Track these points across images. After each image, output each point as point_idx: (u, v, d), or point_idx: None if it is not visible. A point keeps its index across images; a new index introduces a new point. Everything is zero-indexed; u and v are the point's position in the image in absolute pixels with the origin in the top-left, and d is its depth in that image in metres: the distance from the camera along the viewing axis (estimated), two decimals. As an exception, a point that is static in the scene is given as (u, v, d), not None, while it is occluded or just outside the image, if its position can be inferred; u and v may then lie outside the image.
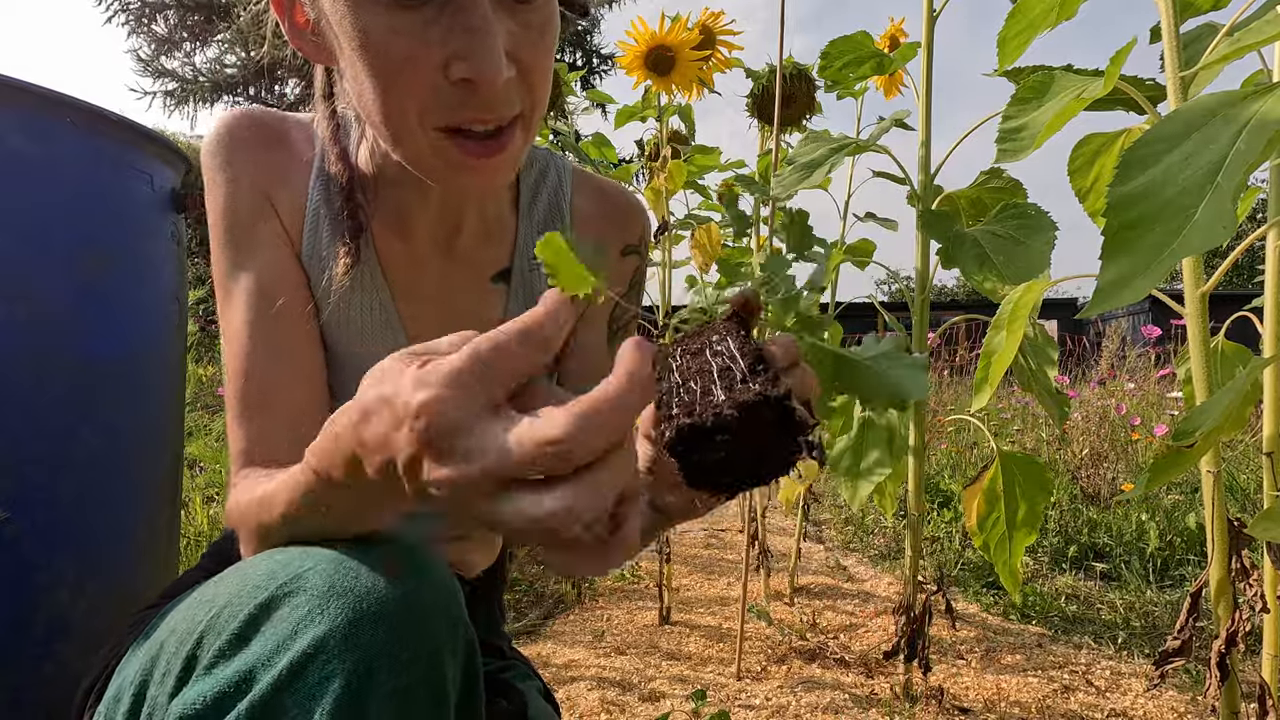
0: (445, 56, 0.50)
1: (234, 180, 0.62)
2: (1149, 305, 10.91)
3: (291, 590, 0.41)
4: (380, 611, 0.40)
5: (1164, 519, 2.45)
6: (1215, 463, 0.79)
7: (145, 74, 12.48)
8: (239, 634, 0.41)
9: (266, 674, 0.39)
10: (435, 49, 0.50)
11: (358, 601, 0.40)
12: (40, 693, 0.86)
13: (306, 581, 0.41)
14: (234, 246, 0.62)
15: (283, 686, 0.38)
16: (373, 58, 0.51)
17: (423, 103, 0.52)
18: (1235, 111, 0.56)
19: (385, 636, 0.40)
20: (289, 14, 0.58)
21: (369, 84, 0.52)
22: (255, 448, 0.59)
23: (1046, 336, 1.30)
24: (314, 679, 0.38)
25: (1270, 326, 0.86)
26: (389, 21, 0.50)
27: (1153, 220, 0.56)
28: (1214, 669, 0.79)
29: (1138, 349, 4.60)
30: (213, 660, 0.41)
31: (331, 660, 0.38)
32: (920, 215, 1.29)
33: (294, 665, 0.38)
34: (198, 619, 0.45)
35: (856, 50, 1.36)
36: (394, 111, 0.52)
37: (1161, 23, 0.80)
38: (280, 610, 0.40)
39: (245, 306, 0.61)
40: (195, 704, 0.40)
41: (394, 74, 0.51)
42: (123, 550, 0.98)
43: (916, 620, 1.36)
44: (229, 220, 0.62)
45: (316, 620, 0.39)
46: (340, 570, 0.41)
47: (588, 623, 1.96)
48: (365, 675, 0.39)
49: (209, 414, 3.64)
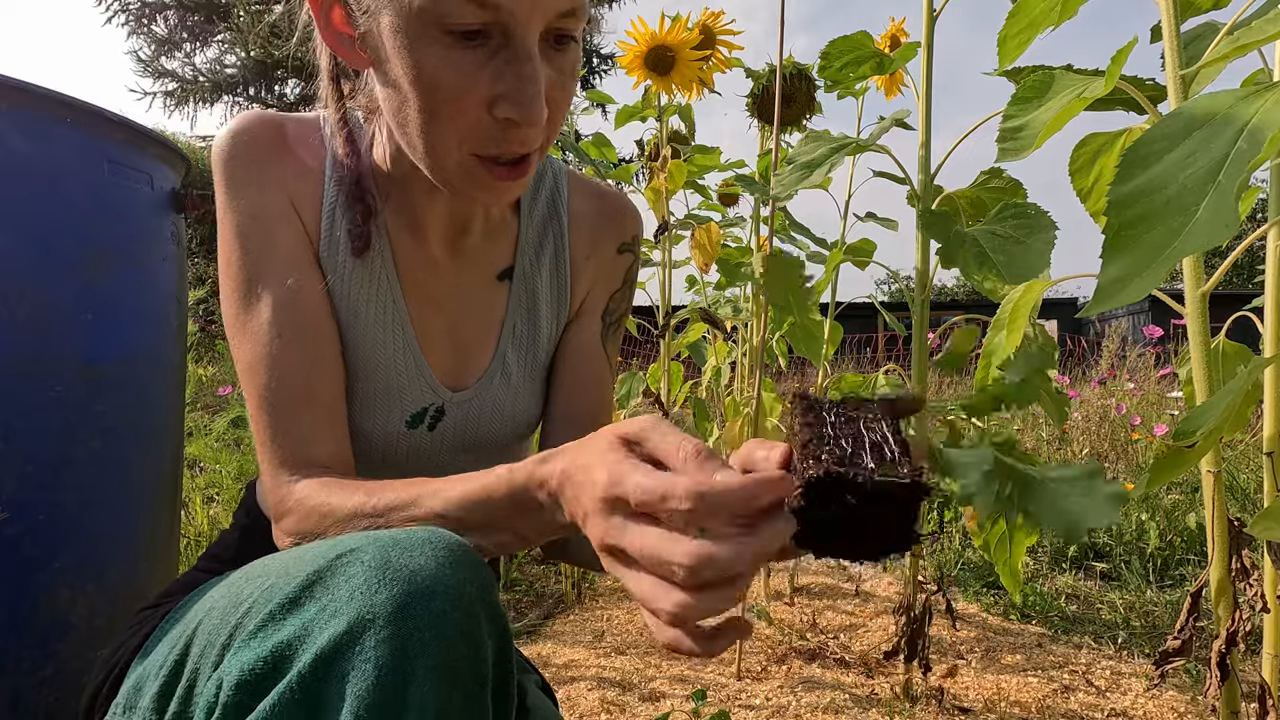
0: (494, 95, 0.55)
1: (254, 183, 0.63)
2: (1149, 305, 10.91)
3: (348, 562, 0.43)
4: (431, 589, 0.42)
5: (1164, 519, 2.45)
6: (1215, 463, 0.79)
7: (145, 74, 12.48)
8: (293, 598, 0.43)
9: (324, 634, 0.41)
10: (485, 87, 0.54)
11: (411, 576, 0.42)
12: (40, 693, 0.86)
13: (362, 555, 0.43)
14: (257, 250, 0.63)
15: (341, 647, 0.41)
16: (425, 86, 0.54)
17: (463, 132, 0.56)
18: (1236, 110, 0.56)
19: (435, 612, 0.42)
20: (326, 13, 0.59)
21: (415, 106, 0.55)
22: (303, 448, 0.60)
23: (1047, 336, 1.30)
24: (369, 643, 0.40)
25: (1270, 326, 0.86)
26: (446, 55, 0.53)
27: (1153, 219, 0.56)
28: (1214, 669, 0.79)
29: (1138, 349, 4.60)
30: (262, 623, 0.43)
31: (386, 628, 0.41)
32: (920, 215, 1.29)
33: (351, 628, 0.41)
34: (244, 594, 0.47)
35: (857, 50, 1.36)
36: (435, 135, 0.57)
37: (1162, 22, 0.80)
38: (336, 579, 0.43)
39: (273, 308, 0.61)
40: (255, 664, 0.42)
41: (442, 103, 0.55)
42: (123, 550, 0.98)
43: (917, 620, 1.36)
44: (251, 224, 0.63)
45: (373, 590, 0.42)
46: (394, 549, 0.44)
47: (588, 623, 1.96)
48: (415, 646, 0.41)
49: (209, 414, 3.64)
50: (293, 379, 0.61)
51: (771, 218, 1.67)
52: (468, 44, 0.53)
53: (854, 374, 1.48)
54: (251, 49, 11.82)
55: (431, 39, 0.53)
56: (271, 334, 0.61)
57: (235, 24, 11.84)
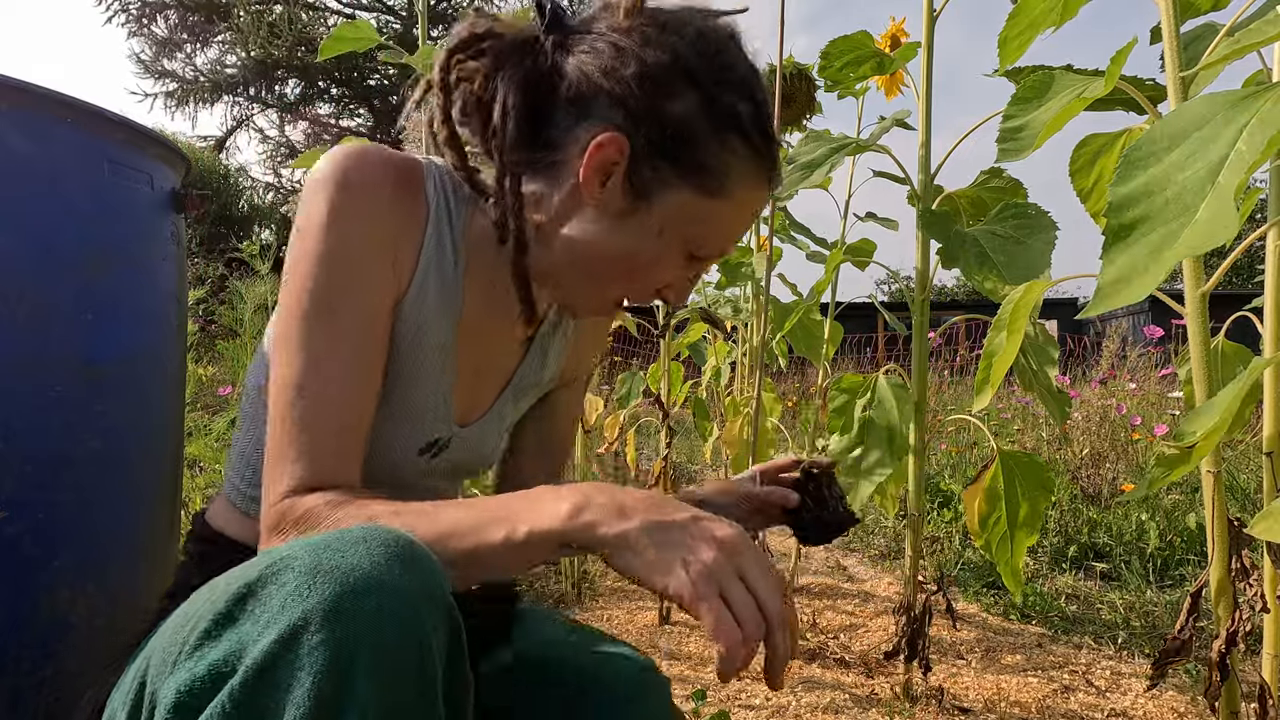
0: (667, 281, 0.68)
1: (358, 216, 0.61)
2: (1149, 305, 10.91)
3: (278, 570, 0.43)
4: (365, 587, 0.42)
5: (1164, 519, 2.45)
6: (1215, 463, 0.79)
7: (146, 76, 12.49)
8: (226, 614, 0.43)
9: (257, 647, 0.41)
10: (665, 275, 0.67)
11: (343, 577, 0.42)
12: (40, 693, 0.86)
13: (293, 562, 0.43)
14: (342, 278, 0.61)
15: (275, 657, 0.40)
16: (637, 262, 0.65)
17: (625, 291, 0.68)
18: (1236, 111, 0.56)
19: (370, 609, 0.41)
20: (605, 149, 0.61)
21: (610, 258, 0.65)
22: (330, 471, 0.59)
23: (1047, 336, 1.30)
24: (303, 649, 0.40)
25: (1270, 326, 0.86)
26: (670, 258, 0.66)
27: (1153, 220, 0.56)
28: (1214, 669, 0.79)
29: (1138, 349, 4.60)
30: (198, 641, 0.43)
31: (319, 631, 0.40)
32: (920, 215, 1.29)
33: (283, 637, 0.40)
34: (189, 613, 0.47)
35: (857, 50, 1.36)
36: (605, 282, 0.67)
37: (1162, 23, 0.80)
38: (268, 589, 0.42)
39: (341, 336, 0.60)
40: (191, 685, 0.42)
41: (632, 270, 0.66)
42: (123, 550, 0.98)
43: (917, 620, 1.36)
44: (342, 251, 0.61)
45: (304, 595, 0.41)
46: (325, 551, 0.43)
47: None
48: (352, 646, 0.41)
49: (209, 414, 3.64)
50: (339, 405, 0.60)
51: (772, 218, 1.67)
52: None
53: (854, 374, 1.48)
54: (252, 49, 11.82)
55: (672, 244, 0.64)
56: (332, 359, 0.60)
57: (236, 24, 11.85)
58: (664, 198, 0.62)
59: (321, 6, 12.93)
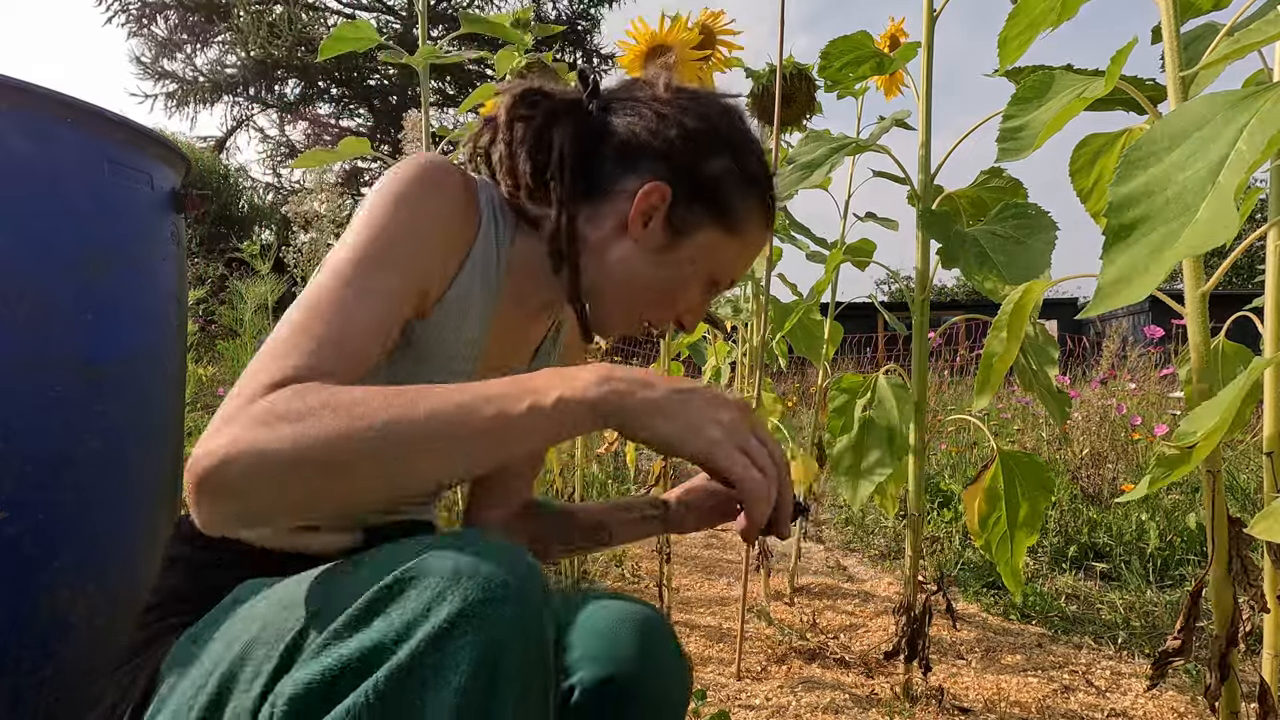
0: (688, 308, 0.77)
1: (424, 209, 0.65)
2: (1149, 305, 10.91)
3: (417, 574, 0.44)
4: (506, 594, 0.44)
5: (1164, 519, 2.45)
6: (1215, 463, 0.79)
7: (146, 77, 12.49)
8: (358, 617, 0.44)
9: (402, 647, 0.42)
10: (689, 300, 0.76)
11: (486, 582, 0.44)
12: (40, 693, 0.86)
13: (431, 566, 0.45)
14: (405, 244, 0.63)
15: (421, 657, 0.42)
16: (666, 288, 0.74)
17: (654, 313, 0.76)
18: (1236, 111, 0.56)
19: (513, 615, 0.44)
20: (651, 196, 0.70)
21: (646, 284, 0.73)
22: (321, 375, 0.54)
23: (1047, 336, 1.30)
24: (451, 650, 0.42)
25: (1270, 326, 0.86)
26: (696, 283, 0.75)
27: (1154, 220, 0.56)
28: (1214, 669, 0.79)
29: (1139, 349, 4.59)
30: (325, 642, 0.44)
31: (468, 634, 0.42)
32: (920, 215, 1.29)
33: (432, 637, 0.42)
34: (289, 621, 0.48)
35: (857, 50, 1.36)
36: (639, 306, 0.75)
37: (1162, 23, 0.80)
38: (408, 592, 0.44)
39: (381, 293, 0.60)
40: (309, 682, 0.43)
41: (663, 295, 0.74)
42: (123, 550, 0.98)
43: (917, 620, 1.36)
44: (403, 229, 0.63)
45: (450, 598, 0.43)
46: (461, 557, 0.45)
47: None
48: (499, 649, 0.43)
49: (209, 414, 3.64)
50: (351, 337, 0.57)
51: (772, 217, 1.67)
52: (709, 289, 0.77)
53: (854, 374, 1.48)
54: (252, 49, 11.82)
55: (700, 273, 0.74)
56: (360, 304, 0.58)
57: (236, 24, 11.84)
58: (695, 236, 0.73)
59: (321, 6, 12.94)
